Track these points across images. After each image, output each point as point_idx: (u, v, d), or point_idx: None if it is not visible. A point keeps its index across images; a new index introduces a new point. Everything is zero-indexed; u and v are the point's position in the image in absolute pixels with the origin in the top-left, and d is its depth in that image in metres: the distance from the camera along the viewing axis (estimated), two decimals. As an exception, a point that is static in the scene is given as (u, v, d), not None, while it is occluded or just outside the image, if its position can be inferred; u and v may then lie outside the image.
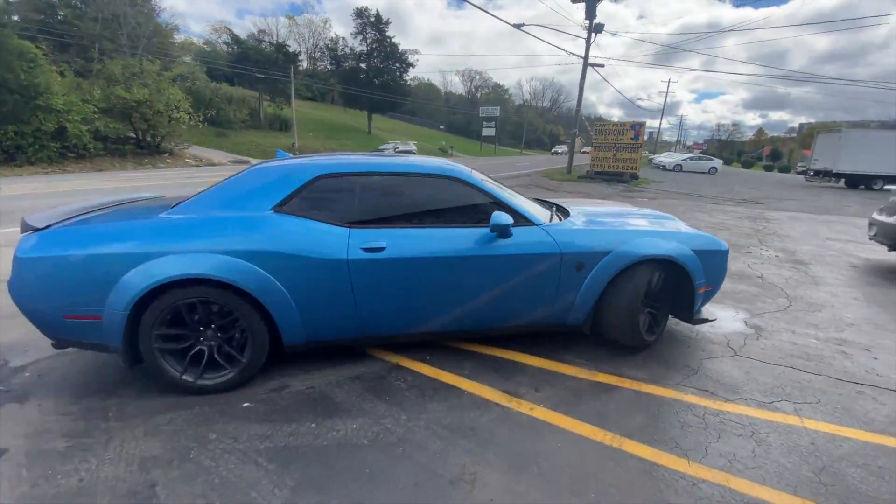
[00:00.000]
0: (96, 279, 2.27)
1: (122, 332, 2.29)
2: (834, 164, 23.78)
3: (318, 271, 2.46)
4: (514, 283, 2.79)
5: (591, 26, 21.70)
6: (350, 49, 47.40)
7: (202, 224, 2.44)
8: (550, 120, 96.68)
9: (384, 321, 2.71)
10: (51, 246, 2.29)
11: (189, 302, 2.35)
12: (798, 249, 6.95)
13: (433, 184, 2.83)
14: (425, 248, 2.62)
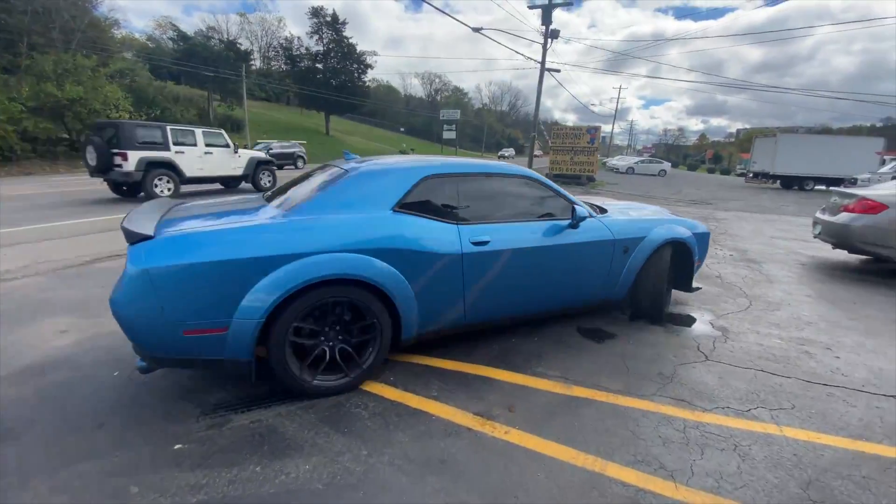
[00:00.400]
0: (228, 287, 2.13)
1: (254, 341, 2.21)
2: (771, 167, 25.48)
3: (438, 266, 2.65)
4: (582, 266, 3.32)
5: (547, 32, 22.08)
6: (306, 49, 46.13)
7: (335, 225, 2.45)
8: (509, 124, 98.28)
9: (482, 309, 2.96)
10: (174, 254, 2.09)
11: (325, 302, 2.36)
12: (749, 248, 7.20)
13: (515, 183, 3.22)
14: (519, 240, 2.97)
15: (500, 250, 2.86)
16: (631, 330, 3.59)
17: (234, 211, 2.74)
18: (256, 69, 61.22)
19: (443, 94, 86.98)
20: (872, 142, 25.26)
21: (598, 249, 3.33)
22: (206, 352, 2.19)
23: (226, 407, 2.37)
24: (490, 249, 2.81)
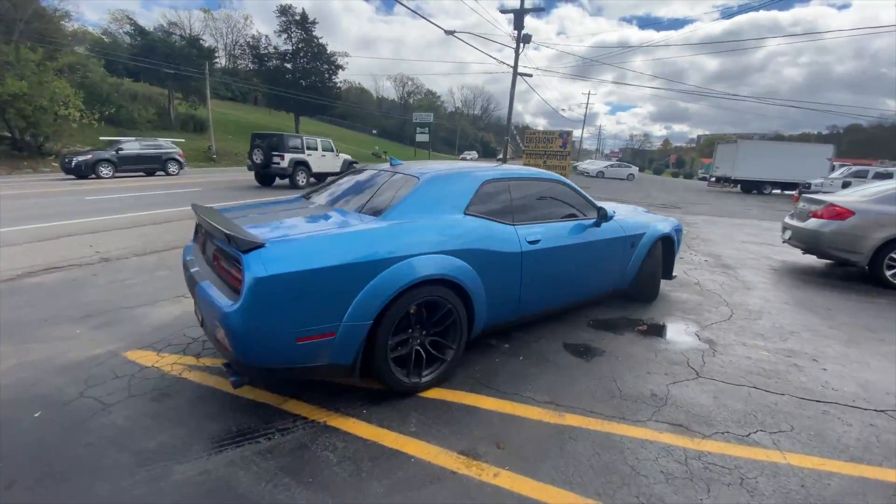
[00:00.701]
0: (341, 292, 2.18)
1: (362, 344, 2.28)
2: (732, 171, 26.47)
3: (504, 263, 2.89)
4: (605, 259, 3.80)
5: (519, 36, 22.20)
6: (274, 48, 44.88)
7: (425, 228, 2.60)
8: (482, 127, 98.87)
9: (531, 303, 3.20)
10: (292, 261, 2.07)
11: (420, 302, 2.47)
12: (722, 253, 7.26)
13: (551, 187, 3.58)
14: (560, 238, 3.31)
15: (549, 248, 3.18)
16: (618, 344, 3.43)
17: (315, 216, 2.81)
18: (221, 67, 59.18)
19: (415, 97, 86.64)
20: (824, 148, 26.64)
21: (616, 245, 3.85)
22: (313, 358, 2.21)
23: (168, 454, 2.02)
24: (541, 248, 3.12)
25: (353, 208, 2.85)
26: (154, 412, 2.36)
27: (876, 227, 5.36)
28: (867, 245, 5.40)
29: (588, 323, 3.86)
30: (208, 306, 2.17)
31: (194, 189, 12.91)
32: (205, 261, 2.65)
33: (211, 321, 2.20)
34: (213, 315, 2.11)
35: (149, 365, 2.87)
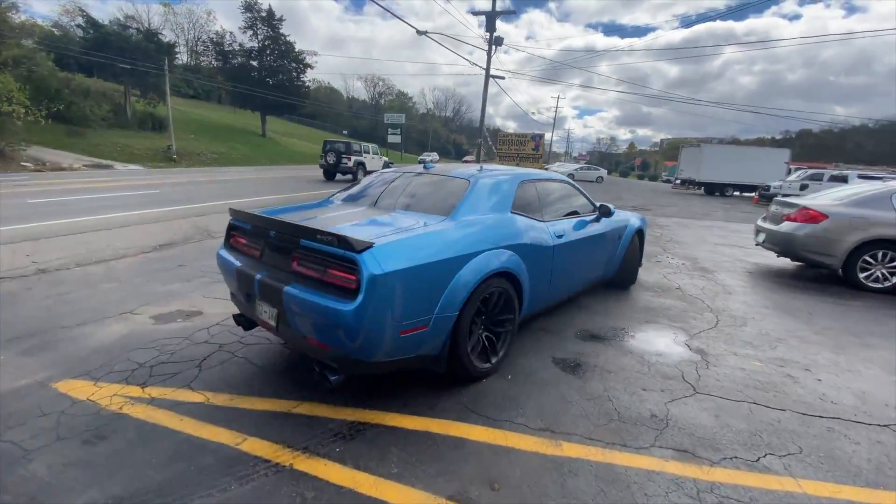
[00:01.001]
0: (435, 286, 2.37)
1: (449, 334, 2.48)
2: (697, 174, 27.30)
3: (541, 255, 3.22)
4: (602, 250, 4.27)
5: (491, 39, 22.16)
6: (239, 45, 43.36)
7: (488, 226, 2.85)
8: (454, 129, 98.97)
9: (555, 291, 3.57)
10: (400, 259, 2.20)
11: (488, 293, 2.70)
12: (698, 256, 7.29)
13: (563, 187, 4.03)
14: (575, 232, 3.73)
15: (570, 241, 3.58)
16: (608, 356, 3.25)
17: (385, 217, 2.89)
18: (183, 64, 56.84)
19: (387, 98, 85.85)
20: (781, 153, 27.82)
21: (611, 237, 4.38)
22: (411, 350, 2.37)
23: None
24: (565, 241, 3.50)
25: (419, 209, 3.01)
26: (85, 460, 1.98)
27: (849, 231, 5.44)
28: (841, 248, 5.47)
29: (575, 334, 3.67)
30: (306, 307, 2.17)
31: (153, 191, 12.13)
32: (269, 265, 2.58)
33: (306, 322, 2.25)
34: (318, 315, 2.14)
35: (83, 398, 2.47)
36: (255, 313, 2.62)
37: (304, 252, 2.33)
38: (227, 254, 2.88)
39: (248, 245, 2.80)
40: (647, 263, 6.53)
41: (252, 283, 2.50)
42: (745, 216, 15.26)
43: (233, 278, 2.74)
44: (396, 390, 2.65)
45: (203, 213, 8.83)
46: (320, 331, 2.22)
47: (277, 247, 2.55)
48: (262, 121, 44.12)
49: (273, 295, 2.38)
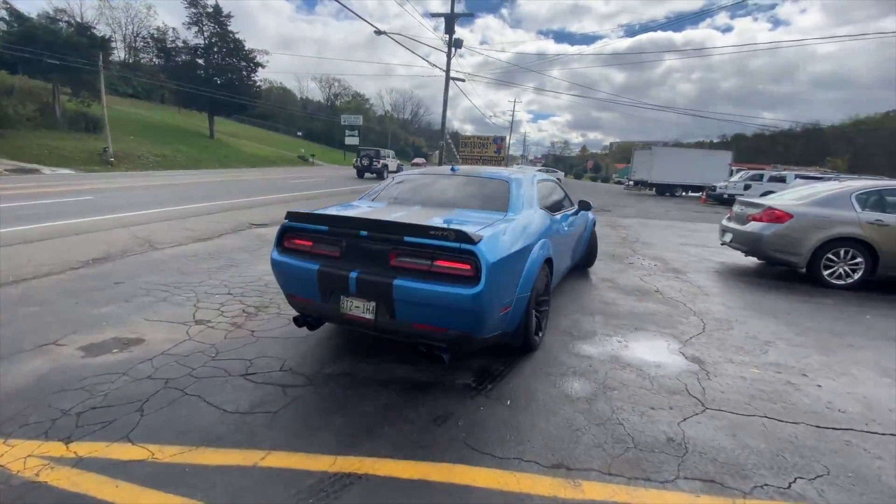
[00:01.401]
0: (518, 270, 2.85)
1: (524, 312, 2.94)
2: (648, 176, 28.40)
3: (560, 244, 3.87)
4: (580, 239, 4.99)
5: (450, 41, 22.03)
6: (183, 42, 40.93)
7: (534, 219, 3.40)
8: (413, 132, 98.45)
9: (559, 275, 4.14)
10: (502, 248, 2.63)
11: (540, 276, 3.22)
12: (666, 257, 7.34)
13: (554, 185, 4.71)
14: (569, 223, 4.36)
15: (570, 231, 4.29)
16: (606, 371, 3.03)
17: (451, 217, 3.13)
18: (120, 61, 52.98)
19: (342, 99, 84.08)
20: (724, 155, 29.44)
21: (583, 228, 5.18)
22: (502, 326, 2.73)
23: None
24: (568, 231, 4.21)
25: (475, 207, 3.47)
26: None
27: (813, 229, 5.58)
28: (805, 246, 5.62)
29: (568, 347, 3.44)
30: (424, 296, 2.41)
31: (85, 198, 10.97)
32: (359, 263, 2.68)
33: (421, 310, 2.47)
34: (439, 301, 2.39)
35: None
36: (338, 311, 2.72)
37: (406, 248, 2.54)
38: (288, 257, 2.92)
39: (321, 246, 2.86)
40: (620, 265, 6.49)
41: (345, 280, 2.61)
42: (698, 215, 15.89)
43: (309, 279, 2.76)
44: (383, 428, 2.29)
45: (145, 222, 8.00)
46: (438, 315, 2.46)
47: (369, 245, 2.66)
48: (209, 121, 41.83)
49: (375, 289, 2.55)
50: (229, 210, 10.10)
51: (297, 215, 2.93)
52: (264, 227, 8.29)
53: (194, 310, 3.91)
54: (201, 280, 4.80)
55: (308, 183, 20.12)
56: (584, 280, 5.54)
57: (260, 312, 3.93)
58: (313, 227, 2.87)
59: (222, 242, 6.76)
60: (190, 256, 5.79)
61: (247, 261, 5.72)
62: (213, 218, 8.91)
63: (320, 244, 2.86)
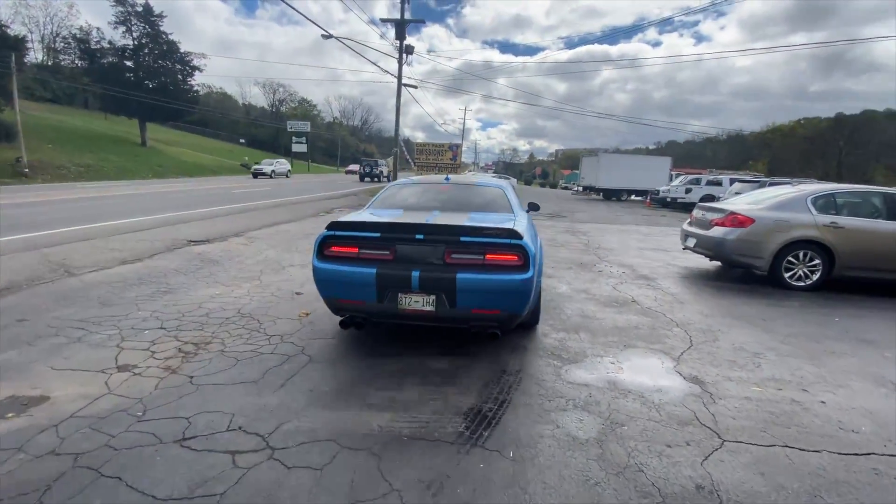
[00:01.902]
0: (540, 258, 3.67)
1: (539, 292, 3.92)
2: (596, 181, 29.33)
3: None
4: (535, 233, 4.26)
5: (401, 47, 21.70)
6: (109, 42, 37.75)
7: (528, 221, 4.03)
8: (364, 139, 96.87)
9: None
10: (533, 242, 3.24)
11: None
12: (633, 263, 7.32)
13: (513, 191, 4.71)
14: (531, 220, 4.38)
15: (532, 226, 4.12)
16: (608, 400, 2.73)
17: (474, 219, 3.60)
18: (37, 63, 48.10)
19: (288, 105, 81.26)
20: (665, 161, 31.02)
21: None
22: (532, 305, 3.29)
23: None
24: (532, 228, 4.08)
25: (486, 210, 3.98)
26: None
27: (774, 233, 5.69)
28: (768, 250, 5.71)
29: (560, 373, 3.12)
30: (484, 285, 2.88)
31: None
32: (416, 262, 3.00)
33: (480, 297, 2.91)
34: (497, 288, 2.88)
35: None
36: (396, 308, 3.00)
37: (460, 246, 2.97)
38: (334, 264, 3.10)
39: (371, 251, 3.08)
40: (591, 274, 6.34)
41: (407, 279, 2.92)
42: (646, 218, 16.44)
43: (366, 282, 2.98)
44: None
45: (62, 242, 6.95)
46: (494, 300, 2.92)
47: (425, 246, 3.01)
48: (140, 128, 38.81)
49: (438, 283, 2.90)
50: (164, 225, 9.09)
51: (341, 224, 3.15)
52: (205, 243, 7.47)
53: (117, 352, 3.24)
54: (128, 312, 4.07)
55: (253, 193, 18.93)
56: (559, 291, 5.31)
57: (200, 351, 3.31)
58: (361, 234, 3.11)
59: (154, 264, 5.93)
60: (115, 283, 4.99)
61: (184, 285, 5.00)
62: (145, 235, 7.94)
63: (370, 249, 3.09)
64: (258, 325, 3.90)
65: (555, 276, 6.13)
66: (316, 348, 3.43)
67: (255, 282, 5.29)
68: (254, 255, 6.78)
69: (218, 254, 6.71)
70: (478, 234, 2.96)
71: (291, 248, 7.39)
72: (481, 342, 3.55)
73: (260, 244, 7.65)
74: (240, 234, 8.58)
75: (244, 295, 4.75)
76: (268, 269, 5.90)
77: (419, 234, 3.02)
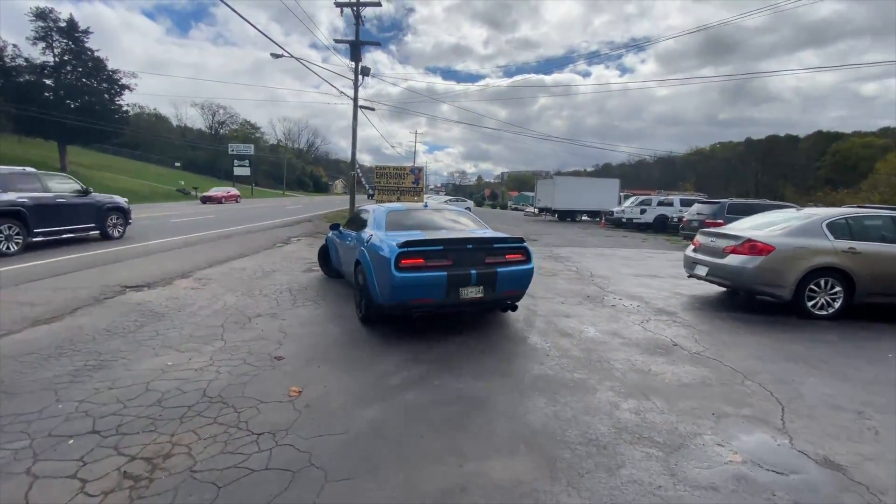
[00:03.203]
0: None
1: None
2: (552, 203, 29.72)
3: None
4: None
5: (357, 68, 20.97)
6: (25, 59, 34.00)
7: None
8: (310, 161, 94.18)
9: None
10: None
11: None
12: (640, 294, 6.84)
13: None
14: None
15: None
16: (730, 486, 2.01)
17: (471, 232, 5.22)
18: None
19: (229, 127, 77.58)
20: (614, 182, 32.11)
21: None
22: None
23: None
24: None
25: (471, 227, 5.38)
26: None
27: (795, 260, 5.39)
28: (790, 278, 5.39)
29: (674, 472, 2.37)
30: (515, 275, 4.42)
31: None
32: (470, 264, 4.26)
33: (511, 283, 4.43)
34: (522, 276, 4.50)
35: None
36: (458, 298, 4.18)
37: (494, 250, 4.45)
38: (411, 273, 4.04)
39: (436, 259, 4.18)
40: (606, 310, 5.75)
41: (469, 277, 4.16)
42: (612, 240, 16.51)
43: (439, 283, 4.09)
44: None
45: (-56, 295, 5.36)
46: (515, 283, 4.48)
47: (472, 253, 4.33)
48: (59, 151, 34.97)
49: (488, 277, 4.25)
50: (88, 267, 7.51)
51: (412, 242, 4.13)
52: (144, 289, 6.13)
53: (26, 484, 2.10)
54: (42, 406, 2.87)
55: (195, 222, 17.08)
56: (589, 335, 4.63)
57: (156, 473, 2.24)
58: (427, 248, 4.17)
59: (79, 322, 4.61)
60: (23, 355, 3.69)
61: (122, 354, 3.79)
62: (64, 280, 6.43)
63: (435, 259, 4.15)
64: (236, 416, 2.85)
65: (572, 313, 5.47)
66: (327, 453, 2.46)
67: (218, 342, 4.17)
68: (209, 303, 5.57)
69: (163, 304, 5.45)
70: (502, 242, 4.51)
71: (254, 292, 6.23)
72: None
73: (214, 288, 6.41)
74: (186, 274, 7.23)
75: (207, 365, 3.64)
76: (230, 323, 4.77)
77: (469, 244, 4.35)
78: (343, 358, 3.93)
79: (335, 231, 6.65)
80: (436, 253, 4.15)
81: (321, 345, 4.26)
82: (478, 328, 4.81)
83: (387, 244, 4.22)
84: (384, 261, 4.07)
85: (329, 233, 7.05)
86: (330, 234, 6.95)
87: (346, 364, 3.78)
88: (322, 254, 7.53)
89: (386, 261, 4.03)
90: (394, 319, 4.68)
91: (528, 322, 5.12)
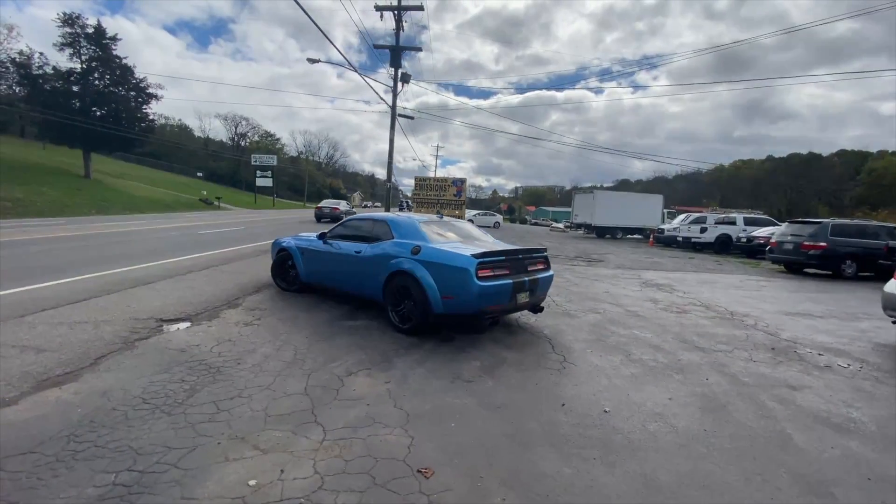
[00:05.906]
0: None
1: None
2: (591, 219, 27.93)
3: None
4: None
5: (396, 74, 19.85)
6: (53, 67, 33.71)
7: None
8: (330, 173, 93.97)
9: None
10: None
11: None
12: (829, 344, 5.19)
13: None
14: None
15: None
16: None
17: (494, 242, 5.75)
18: (-35, 88, 42.56)
19: (251, 138, 77.71)
20: (657, 198, 30.36)
21: None
22: None
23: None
24: None
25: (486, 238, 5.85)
26: None
27: None
28: None
29: None
30: (548, 281, 5.10)
31: None
32: (522, 272, 4.79)
33: (544, 288, 5.07)
34: (549, 281, 5.13)
35: None
36: (516, 303, 4.64)
37: (532, 260, 4.98)
38: (487, 282, 4.30)
39: (501, 269, 4.54)
40: (822, 378, 4.11)
41: (524, 283, 4.64)
42: (679, 261, 14.76)
43: (506, 290, 4.45)
44: None
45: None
46: (546, 288, 5.15)
47: (521, 262, 4.84)
48: (84, 159, 34.45)
49: (535, 283, 4.80)
50: (111, 291, 6.05)
51: (484, 254, 4.44)
52: (184, 322, 4.69)
53: None
54: None
55: (226, 235, 15.82)
56: (848, 416, 3.02)
57: None
58: (494, 259, 4.53)
59: (103, 384, 3.15)
60: (18, 454, 2.22)
61: (173, 457, 2.30)
62: (82, 310, 4.99)
63: (497, 269, 4.52)
64: None
65: (783, 381, 3.84)
66: None
67: (314, 429, 2.67)
68: (274, 349, 4.09)
69: (213, 349, 3.98)
70: (536, 253, 5.13)
71: (324, 330, 4.75)
72: None
73: (273, 323, 4.94)
74: (233, 302, 5.78)
75: (315, 487, 2.13)
76: (316, 388, 3.28)
77: (520, 255, 4.88)
78: (525, 471, 2.37)
79: (321, 242, 6.00)
80: (499, 263, 4.56)
81: (471, 436, 2.71)
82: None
83: (460, 256, 4.39)
84: (461, 272, 4.26)
85: (290, 243, 6.53)
86: (298, 243, 6.44)
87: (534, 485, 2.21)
88: (278, 267, 6.67)
89: (463, 271, 4.24)
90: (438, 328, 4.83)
91: (753, 399, 3.52)
